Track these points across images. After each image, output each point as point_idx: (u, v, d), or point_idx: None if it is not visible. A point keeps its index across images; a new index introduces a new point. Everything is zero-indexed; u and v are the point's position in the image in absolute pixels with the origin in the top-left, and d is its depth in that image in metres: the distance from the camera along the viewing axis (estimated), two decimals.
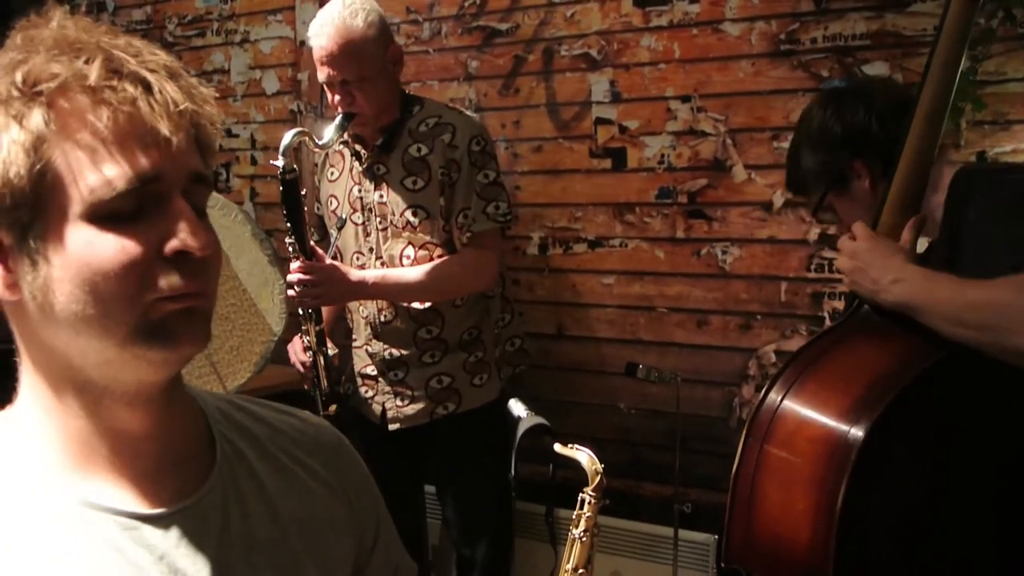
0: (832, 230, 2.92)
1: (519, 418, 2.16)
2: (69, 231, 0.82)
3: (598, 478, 2.06)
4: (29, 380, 0.90)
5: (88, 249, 0.82)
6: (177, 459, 0.92)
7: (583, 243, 3.32)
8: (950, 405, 1.38)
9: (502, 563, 2.74)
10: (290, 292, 2.46)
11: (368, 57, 2.44)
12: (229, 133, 4.07)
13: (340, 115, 2.47)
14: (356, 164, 2.61)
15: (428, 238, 2.53)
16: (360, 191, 2.60)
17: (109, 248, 0.82)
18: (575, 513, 2.07)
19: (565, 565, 2.06)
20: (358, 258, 2.63)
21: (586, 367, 3.32)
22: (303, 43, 3.87)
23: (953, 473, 1.38)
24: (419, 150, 2.52)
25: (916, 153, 1.54)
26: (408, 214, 2.52)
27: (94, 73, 0.81)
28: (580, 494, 2.08)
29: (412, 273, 2.51)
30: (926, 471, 1.36)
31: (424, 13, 3.55)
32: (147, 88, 0.83)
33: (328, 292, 2.48)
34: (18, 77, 0.81)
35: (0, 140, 0.81)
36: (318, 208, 2.78)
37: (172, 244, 0.84)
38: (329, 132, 2.45)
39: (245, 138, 4.07)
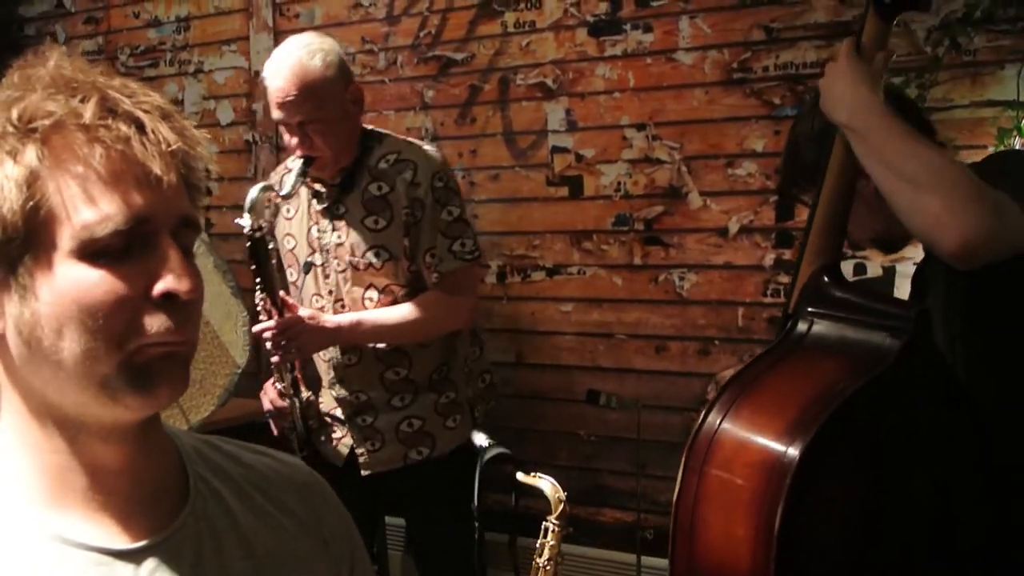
0: (788, 255, 2.96)
1: (481, 447, 2.15)
2: (59, 267, 0.82)
3: (561, 506, 2.06)
4: (9, 412, 0.89)
5: (77, 286, 0.82)
6: (151, 495, 0.91)
7: (541, 271, 3.33)
8: (885, 422, 1.39)
9: None
10: (268, 345, 2.38)
11: (328, 99, 2.34)
12: None
13: (299, 161, 2.38)
14: (314, 203, 2.51)
15: (391, 280, 2.45)
16: (318, 231, 2.50)
17: (98, 287, 0.82)
18: (539, 542, 2.07)
19: None
20: (317, 300, 2.53)
21: (546, 395, 3.32)
22: (258, 73, 3.86)
23: (893, 489, 1.39)
24: (379, 188, 2.43)
25: (837, 177, 1.56)
26: (370, 255, 2.44)
27: (89, 111, 0.82)
28: (543, 522, 2.07)
29: (387, 316, 2.44)
30: (865, 489, 1.38)
31: (380, 43, 3.56)
32: (140, 128, 0.84)
33: (306, 345, 2.42)
34: (14, 114, 0.82)
35: None
36: (273, 242, 2.65)
37: (160, 287, 0.84)
38: (289, 181, 2.37)
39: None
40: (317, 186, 2.49)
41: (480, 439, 2.18)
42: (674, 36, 3.08)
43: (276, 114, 2.37)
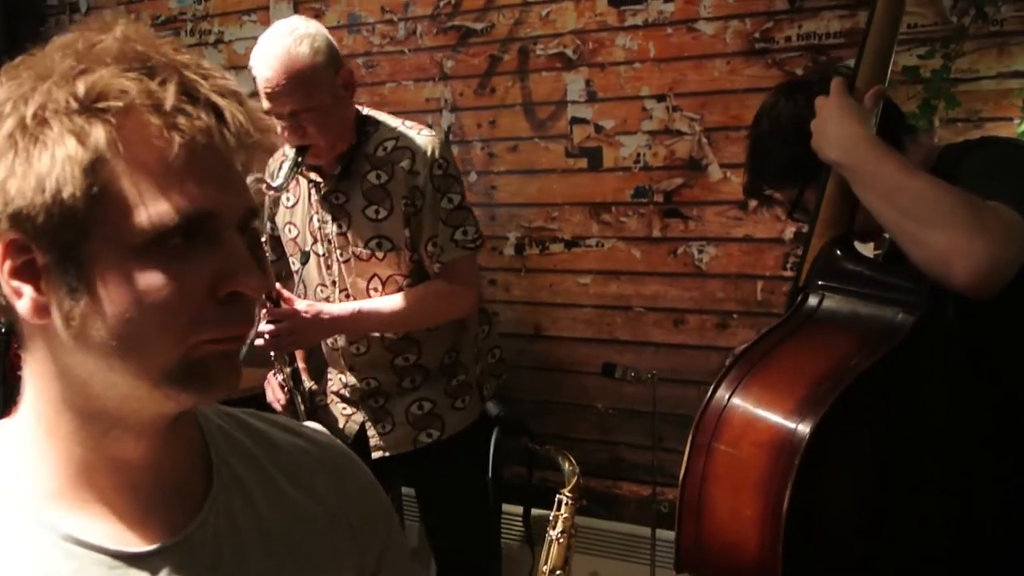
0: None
1: (496, 418, 2.15)
2: (119, 261, 0.76)
3: (575, 479, 2.06)
4: (33, 400, 0.84)
5: (138, 284, 0.76)
6: (172, 490, 0.88)
7: (559, 243, 3.32)
8: (897, 400, 1.37)
9: (486, 572, 2.69)
10: (259, 342, 2.32)
11: (318, 86, 2.24)
12: None
13: (292, 151, 2.29)
14: (314, 192, 2.44)
15: (394, 271, 2.42)
16: (319, 221, 2.45)
17: (162, 287, 0.76)
18: (552, 514, 2.07)
19: (542, 566, 2.06)
20: (321, 291, 2.50)
21: (563, 367, 3.32)
22: None
23: (905, 468, 1.37)
24: (379, 177, 2.36)
25: None
26: (372, 245, 2.39)
27: (170, 97, 0.76)
28: (557, 495, 2.07)
29: (386, 305, 2.40)
30: (876, 469, 1.36)
31: (399, 13, 3.53)
32: (219, 117, 0.78)
33: (303, 337, 2.39)
34: (80, 88, 0.75)
35: (53, 154, 0.74)
36: (273, 229, 2.58)
37: (229, 286, 0.79)
38: (283, 172, 2.28)
39: None
40: (314, 175, 2.42)
41: (495, 410, 2.18)
42: (695, 5, 3.04)
43: (265, 104, 2.25)
